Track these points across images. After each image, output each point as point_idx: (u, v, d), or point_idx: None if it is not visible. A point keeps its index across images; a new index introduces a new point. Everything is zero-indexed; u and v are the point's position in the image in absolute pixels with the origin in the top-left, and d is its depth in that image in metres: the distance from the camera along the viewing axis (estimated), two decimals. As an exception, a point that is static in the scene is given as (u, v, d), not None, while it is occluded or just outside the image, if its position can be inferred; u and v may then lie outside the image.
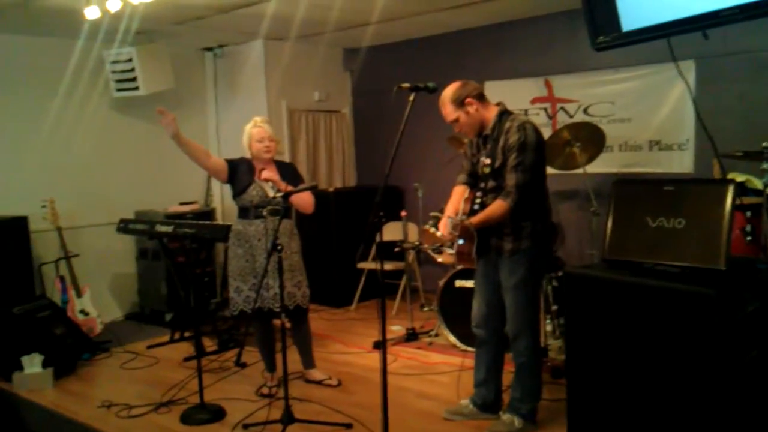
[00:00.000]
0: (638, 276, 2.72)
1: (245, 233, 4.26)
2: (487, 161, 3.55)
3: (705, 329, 2.49)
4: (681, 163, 5.49)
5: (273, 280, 4.16)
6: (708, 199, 2.58)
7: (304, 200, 4.27)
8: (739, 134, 4.76)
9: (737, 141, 3.71)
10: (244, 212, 4.28)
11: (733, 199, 2.50)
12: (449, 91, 3.56)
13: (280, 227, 4.17)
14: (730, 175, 4.48)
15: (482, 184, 3.59)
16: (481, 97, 3.56)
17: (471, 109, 3.53)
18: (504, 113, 3.57)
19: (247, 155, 4.33)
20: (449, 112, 3.56)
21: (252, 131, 4.27)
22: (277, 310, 4.14)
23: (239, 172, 4.29)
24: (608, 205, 2.95)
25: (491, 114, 3.57)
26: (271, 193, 4.20)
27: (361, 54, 7.54)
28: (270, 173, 4.16)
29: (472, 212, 3.55)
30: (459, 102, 3.52)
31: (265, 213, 4.22)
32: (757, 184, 3.81)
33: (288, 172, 4.36)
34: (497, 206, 3.44)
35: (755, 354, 2.46)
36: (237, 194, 4.30)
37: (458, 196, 3.71)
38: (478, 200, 3.59)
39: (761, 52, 5.00)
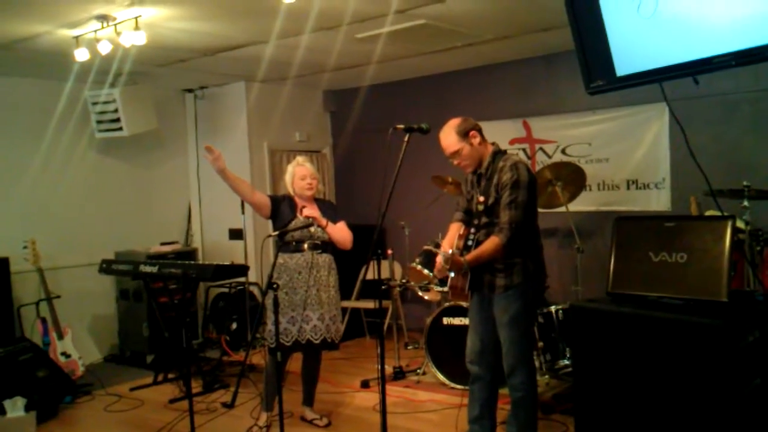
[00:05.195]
0: (643, 308, 2.82)
1: (286, 266, 4.32)
2: (481, 198, 3.65)
3: (710, 359, 2.59)
4: (658, 201, 5.67)
5: (312, 312, 4.29)
6: (709, 234, 2.71)
7: (342, 235, 4.40)
8: (713, 174, 4.94)
9: (711, 181, 3.85)
10: (285, 246, 4.34)
11: (733, 234, 2.62)
12: (453, 123, 3.66)
13: (320, 261, 4.34)
14: (707, 213, 4.65)
15: (475, 221, 3.69)
16: (481, 133, 3.68)
17: (474, 141, 3.64)
18: (498, 153, 3.69)
19: (290, 192, 4.46)
20: (453, 142, 3.64)
21: (295, 170, 4.43)
22: (317, 342, 4.29)
23: (281, 208, 4.39)
24: (610, 240, 3.05)
25: (488, 152, 3.68)
26: (312, 229, 4.31)
27: (341, 96, 7.69)
28: (311, 210, 4.31)
29: (466, 248, 3.63)
30: (464, 133, 3.62)
31: (305, 247, 4.33)
32: (737, 221, 3.96)
33: (327, 208, 4.51)
34: (490, 243, 3.53)
35: (758, 382, 2.56)
36: (279, 229, 4.38)
37: (454, 232, 3.80)
38: (471, 236, 3.67)
39: (731, 94, 5.23)
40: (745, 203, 3.98)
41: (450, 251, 3.52)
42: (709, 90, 5.05)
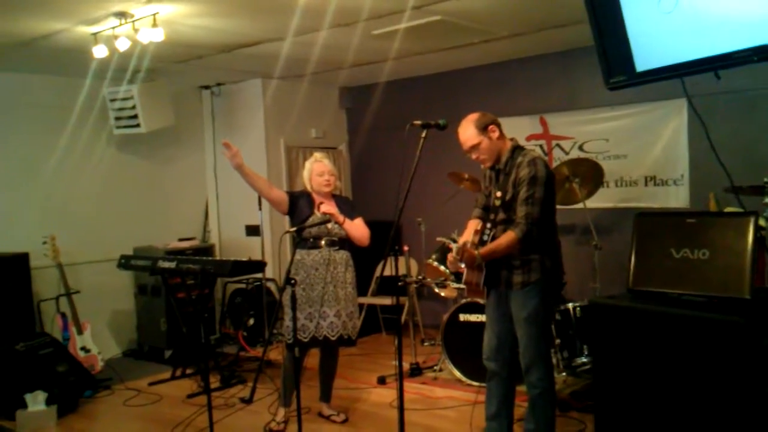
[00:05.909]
0: (664, 305, 2.80)
1: (303, 262, 4.34)
2: (498, 194, 3.64)
3: (732, 357, 2.57)
4: (677, 198, 5.62)
5: (329, 308, 4.30)
6: (731, 231, 2.69)
7: (359, 232, 4.40)
8: (733, 171, 4.88)
9: (731, 177, 3.82)
10: (303, 242, 4.36)
11: (756, 230, 2.60)
12: (472, 117, 3.64)
13: (337, 257, 4.35)
14: (726, 210, 4.60)
15: (492, 216, 3.67)
16: (500, 128, 3.67)
17: (493, 136, 3.61)
18: (517, 148, 3.67)
19: (307, 188, 4.47)
20: (471, 136, 3.61)
21: (313, 166, 4.44)
22: (333, 338, 4.30)
23: (299, 205, 4.41)
24: (631, 237, 3.04)
25: (506, 147, 3.67)
26: (329, 225, 4.32)
27: (357, 92, 7.70)
28: (328, 207, 4.32)
29: (482, 243, 3.59)
30: (483, 127, 3.60)
31: (322, 243, 4.34)
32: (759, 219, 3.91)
33: (344, 205, 4.51)
34: (505, 237, 3.51)
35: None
36: (296, 225, 4.39)
37: (471, 228, 3.77)
38: (487, 231, 3.65)
39: (750, 91, 5.17)
40: (766, 200, 3.92)
41: (462, 242, 3.50)
42: (728, 86, 4.96)
